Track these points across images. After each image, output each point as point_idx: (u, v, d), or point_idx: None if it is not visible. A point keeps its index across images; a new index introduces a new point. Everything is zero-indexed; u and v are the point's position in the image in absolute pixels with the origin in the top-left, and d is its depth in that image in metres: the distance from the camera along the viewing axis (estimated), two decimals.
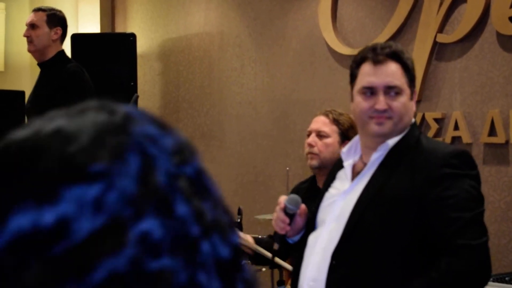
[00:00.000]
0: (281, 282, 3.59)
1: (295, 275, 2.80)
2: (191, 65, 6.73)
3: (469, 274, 2.52)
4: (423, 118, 5.14)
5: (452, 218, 2.51)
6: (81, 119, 0.69)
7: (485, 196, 4.98)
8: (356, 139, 2.81)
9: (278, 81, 6.09)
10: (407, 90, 2.67)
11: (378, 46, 2.70)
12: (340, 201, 2.71)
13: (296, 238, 2.84)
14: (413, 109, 2.72)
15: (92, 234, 0.64)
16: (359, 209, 2.62)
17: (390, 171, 2.62)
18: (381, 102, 2.62)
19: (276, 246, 2.84)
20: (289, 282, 3.44)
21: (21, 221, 0.64)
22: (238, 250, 0.75)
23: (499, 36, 4.85)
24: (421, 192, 2.53)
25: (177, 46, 6.84)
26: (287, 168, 4.55)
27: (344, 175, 2.77)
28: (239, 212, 4.68)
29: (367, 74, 2.66)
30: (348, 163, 2.76)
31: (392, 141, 2.65)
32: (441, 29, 5.10)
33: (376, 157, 2.66)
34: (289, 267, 3.20)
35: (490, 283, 3.84)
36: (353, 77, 2.73)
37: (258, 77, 6.23)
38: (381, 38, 5.37)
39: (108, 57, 6.31)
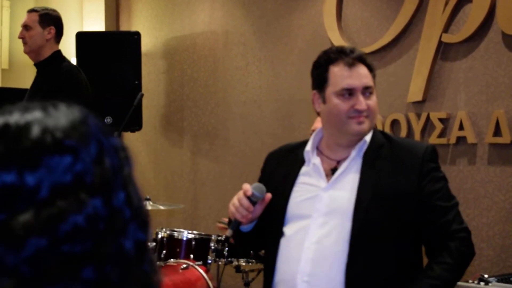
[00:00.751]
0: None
1: (270, 268, 2.83)
2: (195, 63, 6.73)
3: (470, 252, 2.81)
4: (428, 118, 5.13)
5: (446, 207, 2.77)
6: (58, 111, 0.99)
7: (490, 197, 5.00)
8: (314, 138, 2.92)
9: (283, 80, 6.09)
10: (374, 90, 2.84)
11: (345, 49, 2.84)
12: (323, 197, 2.78)
13: (250, 227, 2.89)
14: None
15: (59, 190, 0.93)
16: (363, 205, 2.72)
17: (375, 166, 2.78)
18: (362, 102, 2.76)
19: (229, 233, 2.88)
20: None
21: (7, 178, 0.92)
22: (144, 242, 1.04)
23: (505, 36, 4.84)
24: (417, 186, 2.75)
25: (181, 44, 6.83)
26: None
27: (313, 171, 2.85)
28: None
29: (344, 77, 2.78)
30: (317, 161, 2.85)
31: (368, 137, 2.82)
32: (446, 29, 5.09)
33: (355, 154, 2.80)
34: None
35: (494, 283, 3.84)
36: (322, 80, 2.83)
37: (263, 76, 6.22)
38: (386, 37, 5.37)
39: (113, 56, 6.31)
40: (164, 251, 4.97)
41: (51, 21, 4.85)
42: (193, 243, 4.95)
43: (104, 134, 1.01)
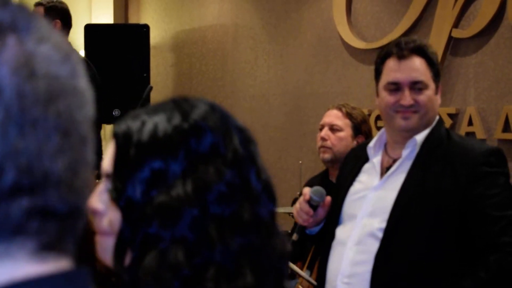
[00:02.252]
0: (292, 276, 3.58)
1: (321, 269, 2.79)
2: (204, 57, 6.72)
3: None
4: None
5: (496, 217, 2.53)
6: (195, 108, 1.23)
7: None
8: (380, 133, 2.81)
9: (292, 74, 6.07)
10: (432, 85, 2.68)
11: (403, 41, 2.72)
12: (370, 197, 2.70)
13: (316, 229, 2.84)
14: (438, 103, 2.73)
15: (199, 160, 1.15)
16: (401, 205, 2.61)
17: (426, 166, 2.62)
18: (406, 97, 2.64)
19: (295, 237, 2.83)
20: (302, 279, 3.42)
21: (155, 165, 1.14)
22: (275, 213, 1.19)
23: None
24: (464, 189, 2.54)
25: (190, 37, 6.83)
26: (300, 162, 4.53)
27: (371, 169, 2.76)
28: None
29: (392, 70, 2.68)
30: (377, 159, 2.76)
31: (419, 136, 2.66)
32: (456, 24, 5.07)
33: (406, 153, 2.67)
34: (300, 272, 3.19)
35: None
36: (378, 73, 2.75)
37: (272, 70, 6.21)
38: (396, 32, 5.35)
39: (121, 48, 6.31)
40: None
41: (56, 14, 4.83)
42: None
43: (229, 117, 1.23)
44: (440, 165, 2.61)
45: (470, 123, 4.95)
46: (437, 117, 2.74)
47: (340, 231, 2.75)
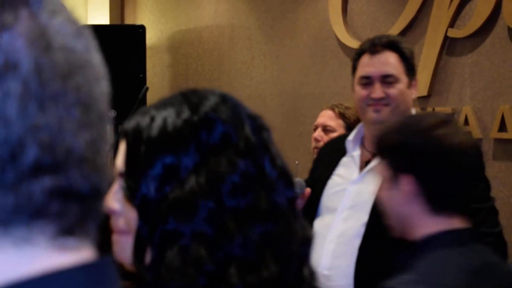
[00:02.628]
0: None
1: None
2: (200, 57, 6.72)
3: None
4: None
5: (475, 209, 2.58)
6: (205, 102, 1.21)
7: (495, 192, 4.97)
8: (359, 127, 2.89)
9: (288, 74, 6.08)
10: (404, 79, 2.75)
11: (376, 37, 2.85)
12: (350, 190, 2.73)
13: None
14: (411, 97, 2.79)
15: (211, 151, 1.14)
16: None
17: None
18: (377, 90, 2.73)
19: None
20: None
21: (167, 160, 1.13)
22: (293, 199, 1.19)
23: (511, 31, 4.82)
24: None
25: (186, 38, 6.83)
26: (296, 162, 4.53)
27: (350, 163, 2.82)
28: None
29: (365, 65, 2.78)
30: (356, 153, 2.81)
31: None
32: (452, 24, 5.07)
33: None
34: None
35: None
36: (354, 69, 2.86)
37: (268, 70, 6.22)
38: (392, 32, 5.35)
39: (117, 49, 6.31)
40: None
41: None
42: None
43: (241, 106, 1.24)
44: None
45: (466, 122, 4.96)
46: (413, 112, 2.81)
47: (318, 224, 2.79)
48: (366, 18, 5.59)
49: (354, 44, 5.57)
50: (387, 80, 2.74)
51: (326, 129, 3.74)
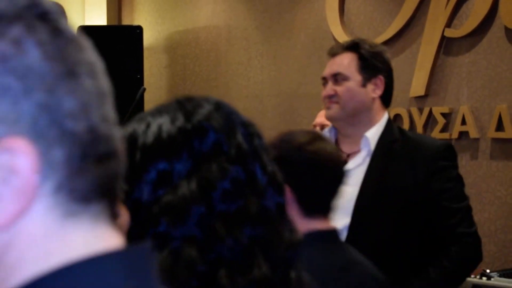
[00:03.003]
0: None
1: None
2: (198, 58, 6.72)
3: (473, 259, 2.76)
4: (430, 112, 5.13)
5: (451, 209, 2.70)
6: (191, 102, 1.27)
7: (492, 191, 4.99)
8: (330, 128, 2.97)
9: (285, 74, 6.08)
10: (356, 77, 2.83)
11: (342, 42, 3.02)
12: None
13: None
14: (368, 95, 2.84)
15: (203, 159, 1.18)
16: (363, 202, 2.70)
17: (384, 162, 2.75)
18: (326, 89, 2.86)
19: None
20: None
21: (160, 166, 1.17)
22: (283, 205, 1.22)
23: (508, 30, 4.83)
24: (423, 184, 2.68)
25: (184, 39, 6.83)
26: None
27: None
28: None
29: (326, 67, 2.93)
30: None
31: (369, 133, 2.80)
32: (449, 24, 5.08)
33: (363, 148, 2.80)
34: None
35: (496, 278, 3.83)
36: None
37: (265, 70, 6.22)
38: (389, 32, 5.36)
39: (115, 50, 6.30)
40: None
41: None
42: None
43: (234, 114, 1.26)
44: (398, 161, 2.73)
45: (463, 122, 4.97)
46: (386, 116, 2.87)
47: None
48: (363, 18, 5.59)
49: None
50: (336, 78, 2.85)
51: (324, 129, 3.74)
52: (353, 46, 2.87)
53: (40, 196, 0.66)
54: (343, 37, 5.58)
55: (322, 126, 3.75)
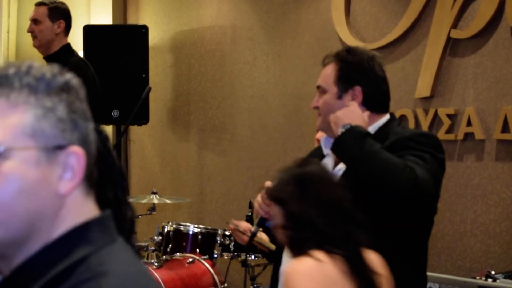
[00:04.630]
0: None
1: (277, 260, 2.83)
2: (203, 57, 6.71)
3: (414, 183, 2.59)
4: (435, 113, 5.12)
5: (409, 160, 2.61)
6: None
7: (497, 193, 4.98)
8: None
9: (290, 74, 6.07)
10: (332, 89, 2.86)
11: (338, 51, 2.95)
12: None
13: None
14: (344, 106, 2.82)
15: None
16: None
17: None
18: (313, 101, 2.94)
19: (255, 229, 2.98)
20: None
21: None
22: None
23: None
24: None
25: (189, 38, 6.82)
26: None
27: (327, 164, 2.90)
28: (250, 205, 4.67)
29: None
30: (327, 153, 2.92)
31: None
32: (455, 25, 5.07)
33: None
34: (271, 246, 3.19)
35: (502, 279, 3.82)
36: None
37: (270, 70, 6.21)
38: (395, 33, 5.35)
39: (120, 49, 6.30)
40: (170, 245, 4.97)
41: (60, 14, 4.82)
42: (199, 237, 4.95)
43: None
44: None
45: (469, 123, 4.96)
46: (383, 119, 2.85)
47: None
48: (369, 19, 5.58)
49: (357, 44, 5.56)
50: (319, 90, 2.91)
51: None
52: (337, 56, 2.88)
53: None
54: (348, 38, 5.58)
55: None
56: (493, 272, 3.91)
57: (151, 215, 5.08)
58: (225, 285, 4.81)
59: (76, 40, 6.27)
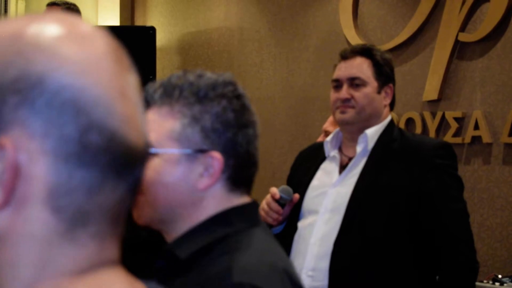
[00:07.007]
0: None
1: None
2: (210, 59, 6.72)
3: (470, 269, 2.72)
4: (443, 117, 5.11)
5: (448, 210, 2.68)
6: None
7: (505, 197, 4.96)
8: (337, 131, 2.96)
9: (298, 77, 6.07)
10: (373, 83, 2.84)
11: (353, 46, 2.97)
12: (330, 193, 2.81)
13: (279, 228, 2.92)
14: (381, 102, 2.86)
15: None
16: (356, 199, 2.72)
17: (380, 163, 2.75)
18: (343, 91, 2.83)
19: None
20: None
21: None
22: None
23: None
24: (418, 182, 2.67)
25: (196, 40, 6.83)
26: None
27: (330, 167, 2.89)
28: None
29: (337, 69, 2.90)
30: (335, 151, 2.89)
31: (369, 131, 2.81)
32: (463, 28, 5.06)
33: (360, 150, 2.80)
34: None
35: (509, 283, 3.82)
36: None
37: (277, 72, 6.21)
38: (402, 36, 5.34)
39: (127, 50, 6.29)
40: None
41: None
42: None
43: None
44: (395, 161, 2.73)
45: (476, 127, 4.95)
46: (389, 117, 2.88)
47: (302, 227, 2.86)
48: (377, 22, 5.58)
49: None
50: (354, 82, 2.83)
51: (327, 135, 3.74)
52: (366, 51, 2.87)
53: None
54: (356, 40, 5.57)
55: (326, 132, 3.75)
56: (500, 276, 3.90)
57: None
58: None
59: None
